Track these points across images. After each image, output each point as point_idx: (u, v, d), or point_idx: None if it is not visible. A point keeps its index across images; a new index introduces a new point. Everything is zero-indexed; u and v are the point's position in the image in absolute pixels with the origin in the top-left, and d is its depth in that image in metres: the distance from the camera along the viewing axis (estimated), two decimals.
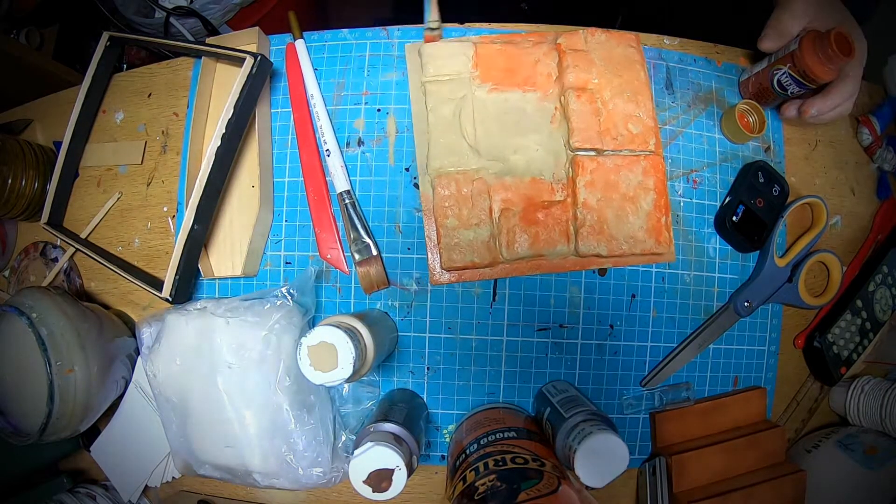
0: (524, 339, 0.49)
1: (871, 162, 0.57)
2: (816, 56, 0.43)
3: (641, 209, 0.47)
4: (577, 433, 0.37)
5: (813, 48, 0.43)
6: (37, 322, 0.42)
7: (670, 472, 0.46)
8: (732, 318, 0.50)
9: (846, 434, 0.50)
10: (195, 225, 0.45)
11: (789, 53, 0.45)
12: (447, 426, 0.50)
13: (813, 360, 0.53)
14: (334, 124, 0.50)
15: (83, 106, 0.54)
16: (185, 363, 0.45)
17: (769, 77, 0.48)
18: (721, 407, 0.50)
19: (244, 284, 0.51)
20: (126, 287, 0.54)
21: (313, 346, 0.34)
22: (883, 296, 0.53)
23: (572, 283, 0.49)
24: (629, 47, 0.49)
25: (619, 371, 0.50)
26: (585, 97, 0.47)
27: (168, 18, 0.85)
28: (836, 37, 0.42)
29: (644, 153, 0.47)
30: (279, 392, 0.43)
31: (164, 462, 0.51)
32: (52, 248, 0.56)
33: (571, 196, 0.47)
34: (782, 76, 0.46)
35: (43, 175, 0.55)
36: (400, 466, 0.35)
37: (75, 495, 0.51)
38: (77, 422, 0.45)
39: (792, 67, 0.45)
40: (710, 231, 0.51)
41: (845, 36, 0.42)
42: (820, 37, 0.43)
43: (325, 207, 0.49)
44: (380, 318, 0.46)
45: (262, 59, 0.45)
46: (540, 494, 0.32)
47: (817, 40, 0.43)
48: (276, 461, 0.43)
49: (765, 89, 0.49)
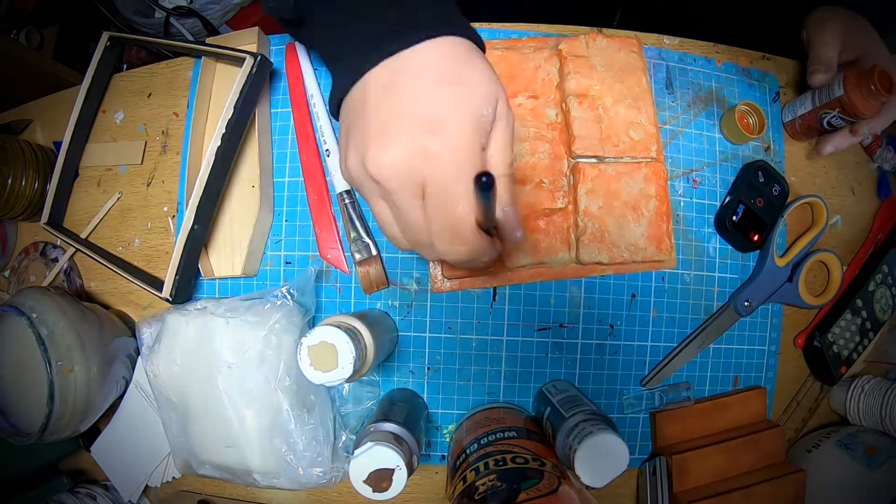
0: (524, 339, 0.49)
1: (871, 162, 0.57)
2: (862, 96, 0.45)
3: (643, 216, 0.47)
4: (577, 433, 0.37)
5: (858, 90, 0.45)
6: (37, 322, 0.42)
7: (670, 472, 0.46)
8: (732, 317, 0.50)
9: (846, 434, 0.50)
10: (195, 225, 0.45)
11: (836, 99, 0.47)
12: (447, 426, 0.50)
13: (813, 359, 0.53)
14: (334, 124, 0.50)
15: (83, 106, 0.54)
16: (185, 363, 0.45)
17: (818, 119, 0.50)
18: (721, 407, 0.50)
19: (244, 284, 0.51)
20: (126, 287, 0.54)
21: (313, 346, 0.34)
22: (883, 295, 0.53)
23: (572, 282, 0.49)
24: (631, 52, 0.49)
25: (619, 371, 0.50)
26: (587, 104, 0.47)
27: (168, 18, 0.85)
28: (879, 76, 0.44)
29: (645, 160, 0.47)
30: (279, 392, 0.43)
31: (164, 462, 0.51)
32: (52, 248, 0.56)
33: (573, 203, 0.47)
34: (832, 119, 0.48)
35: (43, 175, 0.55)
36: (400, 466, 0.35)
37: (75, 495, 0.51)
38: (77, 422, 0.45)
39: (841, 111, 0.47)
40: (710, 231, 0.51)
41: (887, 73, 0.44)
42: (864, 77, 0.45)
43: (325, 207, 0.49)
44: (380, 318, 0.46)
45: (262, 59, 0.45)
46: (540, 494, 0.32)
47: (861, 81, 0.45)
48: (276, 461, 0.43)
49: (812, 128, 0.51)
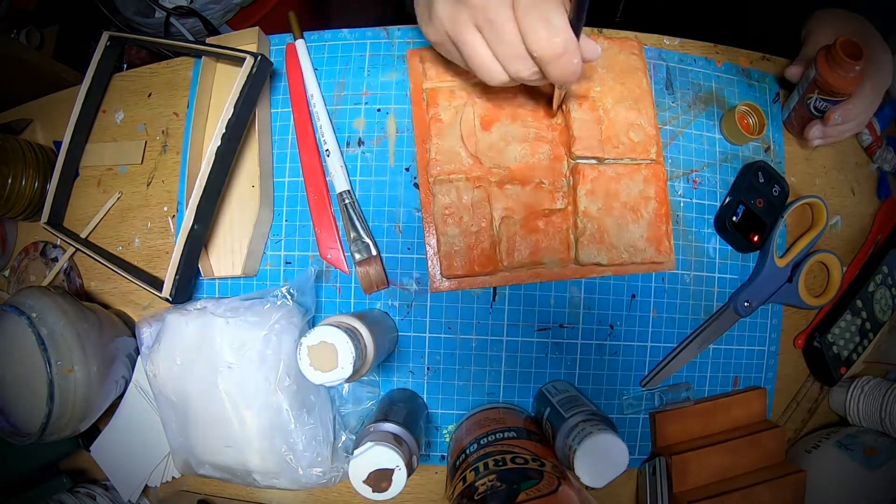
0: (524, 339, 0.49)
1: (871, 162, 0.57)
2: (830, 68, 0.44)
3: (642, 218, 0.47)
4: (577, 433, 0.37)
5: (826, 62, 0.44)
6: (37, 322, 0.42)
7: (670, 472, 0.46)
8: (732, 318, 0.50)
9: (846, 434, 0.50)
10: (195, 225, 0.45)
11: (813, 80, 0.46)
12: (447, 426, 0.50)
13: (813, 360, 0.53)
14: (334, 124, 0.50)
15: (83, 106, 0.54)
16: (185, 363, 0.45)
17: (806, 107, 0.49)
18: (721, 407, 0.50)
19: (244, 284, 0.51)
20: (126, 287, 0.54)
21: (313, 346, 0.34)
22: (883, 296, 0.53)
23: (572, 283, 0.49)
24: (631, 54, 0.49)
25: (619, 371, 0.50)
26: (587, 105, 0.47)
27: (168, 18, 0.85)
28: (842, 44, 0.43)
29: (645, 162, 0.47)
30: (279, 392, 0.43)
31: (164, 462, 0.51)
32: (52, 247, 0.56)
33: (572, 204, 0.47)
34: (816, 102, 0.47)
35: (43, 175, 0.55)
36: (400, 466, 0.35)
37: (75, 495, 0.51)
38: (77, 421, 0.45)
39: (820, 92, 0.46)
40: (710, 231, 0.51)
41: (851, 41, 0.43)
42: (828, 49, 0.44)
43: (325, 207, 0.49)
44: (380, 318, 0.46)
45: (262, 59, 0.45)
46: (540, 494, 0.32)
47: (828, 53, 0.44)
48: (276, 461, 0.43)
49: (805, 118, 0.50)
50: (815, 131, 0.49)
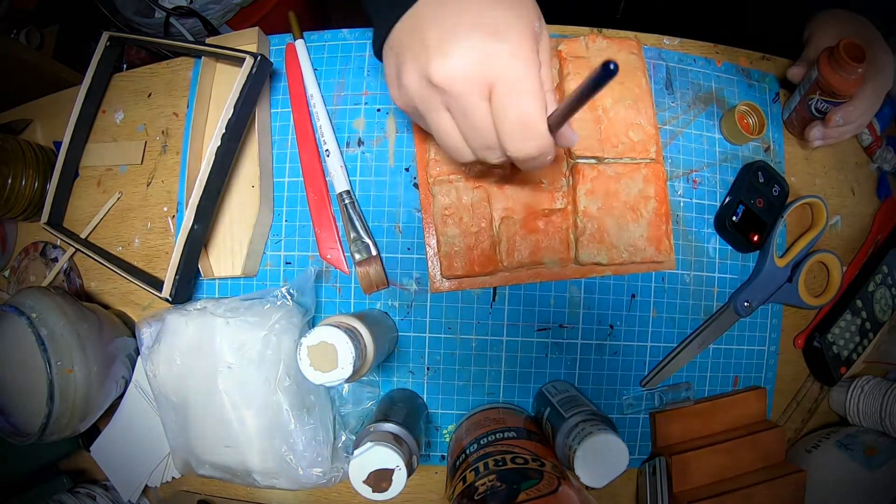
0: (524, 339, 0.49)
1: (871, 162, 0.57)
2: (833, 70, 0.44)
3: (642, 217, 0.47)
4: (577, 433, 0.37)
5: (829, 64, 0.45)
6: (37, 322, 0.42)
7: (670, 472, 0.46)
8: (732, 318, 0.50)
9: (846, 434, 0.50)
10: (195, 225, 0.45)
11: (815, 81, 0.46)
12: (447, 426, 0.50)
13: (813, 360, 0.53)
14: (334, 124, 0.50)
15: (83, 106, 0.54)
16: (185, 363, 0.45)
17: (807, 108, 0.49)
18: (721, 407, 0.50)
19: (244, 284, 0.51)
20: (126, 287, 0.54)
21: (313, 346, 0.34)
22: (883, 296, 0.53)
23: (572, 283, 0.49)
24: (630, 54, 0.49)
25: (619, 371, 0.50)
26: (587, 104, 0.47)
27: (168, 18, 0.85)
28: (844, 46, 0.43)
29: (645, 161, 0.47)
30: (279, 392, 0.43)
31: (164, 462, 0.51)
32: (52, 248, 0.56)
33: (572, 204, 0.47)
34: (818, 103, 0.48)
35: (43, 175, 0.55)
36: (400, 466, 0.35)
37: (75, 495, 0.51)
38: (77, 422, 0.45)
39: (821, 93, 0.46)
40: (710, 231, 0.51)
41: (853, 43, 0.43)
42: (831, 51, 0.44)
43: (325, 207, 0.49)
44: (380, 318, 0.46)
45: (262, 59, 0.45)
46: (540, 494, 0.32)
47: (830, 55, 0.44)
48: (276, 461, 0.43)
49: (805, 119, 0.50)
50: (815, 132, 0.49)
